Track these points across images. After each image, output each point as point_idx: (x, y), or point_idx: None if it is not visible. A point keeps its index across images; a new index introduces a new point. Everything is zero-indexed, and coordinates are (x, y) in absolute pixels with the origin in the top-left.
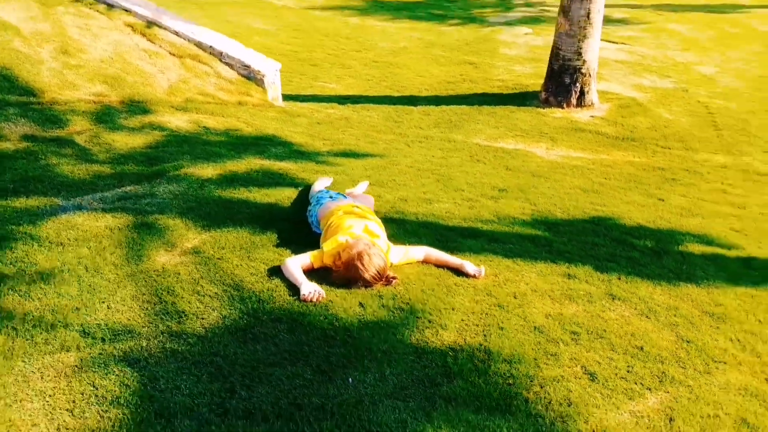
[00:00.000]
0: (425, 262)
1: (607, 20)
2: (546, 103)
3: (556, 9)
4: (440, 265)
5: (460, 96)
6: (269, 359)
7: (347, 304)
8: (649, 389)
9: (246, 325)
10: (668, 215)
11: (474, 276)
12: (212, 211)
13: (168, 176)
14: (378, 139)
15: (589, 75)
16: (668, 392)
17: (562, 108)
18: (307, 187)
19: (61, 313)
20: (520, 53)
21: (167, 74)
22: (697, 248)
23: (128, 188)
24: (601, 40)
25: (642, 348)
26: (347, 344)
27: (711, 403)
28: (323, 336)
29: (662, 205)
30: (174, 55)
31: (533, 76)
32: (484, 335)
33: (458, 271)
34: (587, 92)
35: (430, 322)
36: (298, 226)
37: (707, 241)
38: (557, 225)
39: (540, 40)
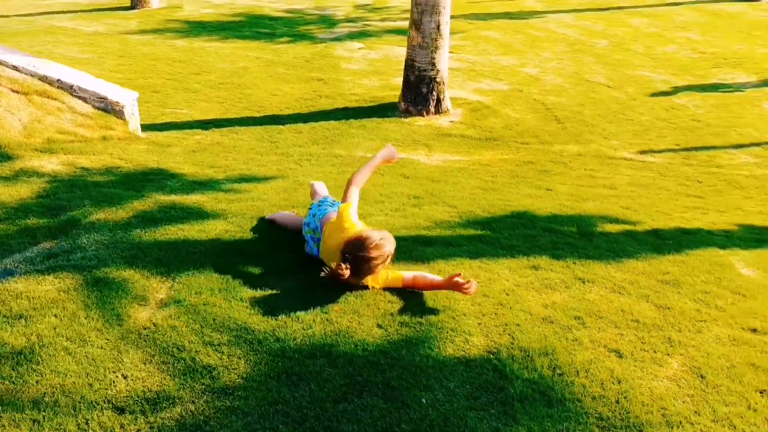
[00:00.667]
0: (412, 285)
1: None
2: (406, 113)
3: (379, 24)
4: (430, 289)
5: (322, 112)
6: (331, 396)
7: (365, 327)
8: (668, 355)
9: (283, 368)
10: (566, 202)
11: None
12: (160, 256)
13: (83, 226)
14: (265, 161)
15: (443, 83)
16: (682, 354)
17: (423, 116)
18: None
19: (75, 392)
20: (362, 67)
21: (17, 114)
22: (610, 227)
23: (47, 245)
24: None
25: (638, 320)
26: (395, 366)
27: (721, 356)
28: (367, 363)
29: (554, 194)
30: (18, 92)
31: (384, 88)
32: (509, 334)
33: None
34: (443, 99)
35: (453, 331)
36: (256, 258)
37: (612, 220)
38: (488, 223)
39: (374, 54)
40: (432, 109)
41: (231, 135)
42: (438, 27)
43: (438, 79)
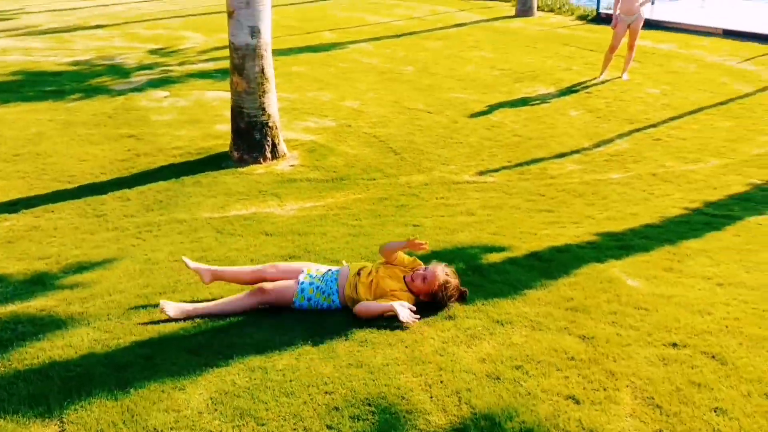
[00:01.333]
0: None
1: None
2: (242, 162)
3: (179, 68)
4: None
5: (146, 173)
6: None
7: (317, 427)
8: (617, 390)
9: None
10: (438, 236)
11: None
12: (31, 390)
13: None
14: (98, 240)
15: (276, 127)
16: (629, 385)
17: (260, 163)
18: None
19: None
20: (174, 117)
21: None
22: (493, 257)
23: None
24: None
25: (572, 358)
26: None
27: (663, 380)
28: None
29: (422, 229)
30: None
31: (207, 138)
32: (466, 403)
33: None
34: (278, 144)
35: (409, 413)
36: (146, 370)
37: (488, 248)
38: None
39: (184, 101)
40: (268, 155)
41: (47, 215)
42: (263, 71)
43: (270, 124)
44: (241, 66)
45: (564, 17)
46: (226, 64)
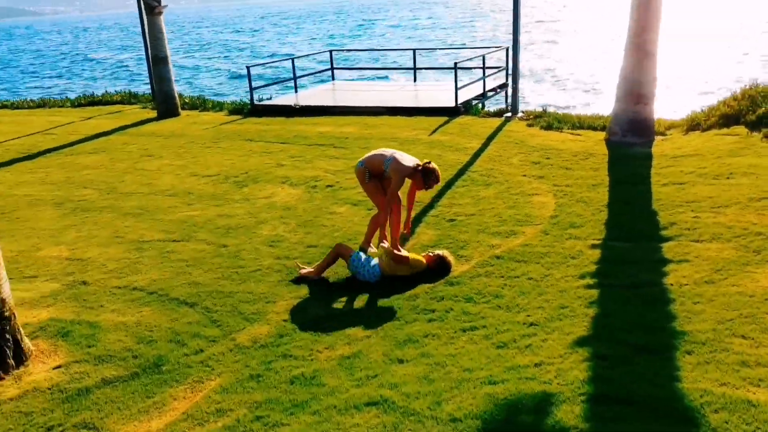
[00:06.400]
0: None
1: None
2: None
3: None
4: None
5: None
6: None
7: None
8: None
9: None
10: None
11: None
12: None
13: None
14: None
15: (14, 317)
16: None
17: (2, 378)
18: None
19: None
20: None
21: None
22: None
23: None
24: None
25: None
26: None
27: None
28: None
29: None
30: None
31: None
32: None
33: None
34: (21, 340)
35: None
36: None
37: None
38: None
39: None
40: (11, 361)
41: None
42: None
43: (7, 313)
44: None
45: (214, 113)
46: None
